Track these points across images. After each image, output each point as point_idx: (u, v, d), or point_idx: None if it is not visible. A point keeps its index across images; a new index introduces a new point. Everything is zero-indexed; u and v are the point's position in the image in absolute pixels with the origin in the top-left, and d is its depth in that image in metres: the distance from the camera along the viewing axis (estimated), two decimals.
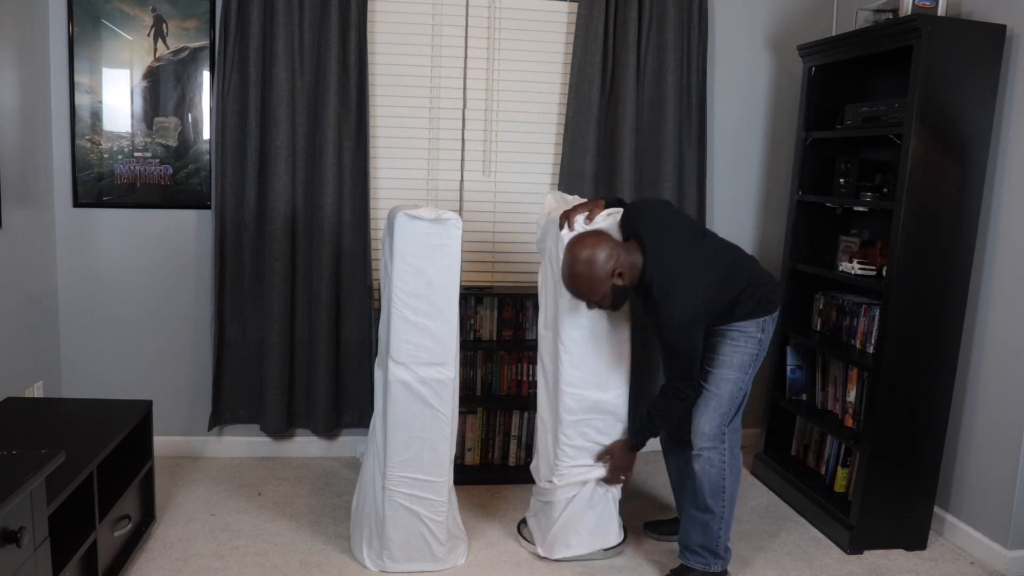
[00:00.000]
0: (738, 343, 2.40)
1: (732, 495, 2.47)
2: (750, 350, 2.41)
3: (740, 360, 2.41)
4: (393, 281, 2.40)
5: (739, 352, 2.41)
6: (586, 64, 3.29)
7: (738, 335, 2.40)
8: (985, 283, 2.77)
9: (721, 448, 2.44)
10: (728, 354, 2.41)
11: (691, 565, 2.50)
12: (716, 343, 2.42)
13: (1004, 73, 2.67)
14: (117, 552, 2.42)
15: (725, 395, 2.42)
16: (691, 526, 2.50)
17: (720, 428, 2.43)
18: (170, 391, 3.37)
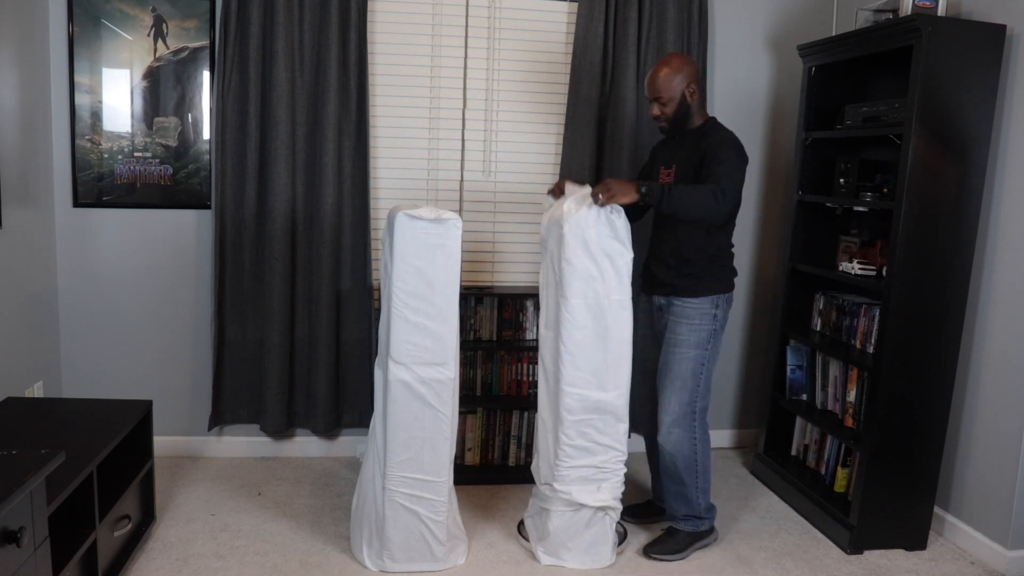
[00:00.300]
0: (694, 321, 2.56)
1: (705, 466, 2.66)
2: (706, 326, 2.56)
3: (697, 338, 2.56)
4: (393, 281, 2.40)
5: (695, 330, 2.56)
6: (586, 64, 3.29)
7: (694, 312, 2.56)
8: (985, 283, 2.77)
9: (691, 426, 2.59)
10: (684, 333, 2.57)
11: (680, 528, 2.71)
12: (672, 323, 2.60)
13: (1004, 73, 2.67)
14: (117, 552, 2.42)
15: (688, 373, 2.57)
16: (673, 499, 2.69)
17: (688, 406, 2.58)
18: (170, 391, 3.37)
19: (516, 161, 3.46)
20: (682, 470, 2.63)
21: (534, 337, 3.41)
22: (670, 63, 2.54)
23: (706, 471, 2.66)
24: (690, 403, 2.58)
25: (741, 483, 3.41)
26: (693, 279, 2.58)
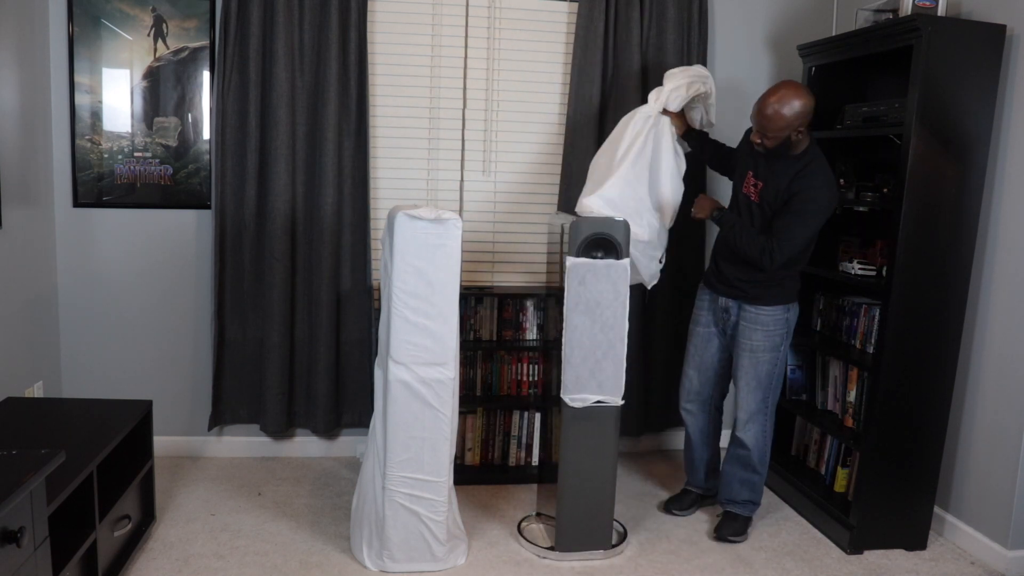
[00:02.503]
0: (768, 328, 2.71)
1: (768, 457, 2.87)
2: (780, 331, 2.72)
3: (772, 342, 2.72)
4: (393, 281, 2.40)
5: (770, 336, 2.72)
6: (586, 64, 3.29)
7: (768, 319, 2.70)
8: (985, 283, 2.77)
9: (764, 421, 2.79)
10: (760, 339, 2.71)
11: (739, 512, 2.87)
12: (746, 329, 2.73)
13: (1004, 73, 2.67)
14: (117, 552, 2.42)
15: (764, 374, 2.74)
16: (738, 485, 2.85)
17: (763, 403, 2.77)
18: (170, 391, 3.37)
19: (516, 161, 3.46)
20: (756, 461, 2.81)
21: (534, 337, 3.41)
22: (786, 103, 2.50)
23: (768, 460, 2.87)
24: (764, 400, 2.76)
25: None
26: (765, 288, 2.70)
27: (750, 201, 2.71)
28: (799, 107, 2.49)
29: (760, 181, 2.66)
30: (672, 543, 2.84)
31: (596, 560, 2.69)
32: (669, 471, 3.50)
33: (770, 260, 2.55)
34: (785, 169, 2.60)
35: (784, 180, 2.58)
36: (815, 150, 2.61)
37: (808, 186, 2.52)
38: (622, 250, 2.56)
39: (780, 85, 2.55)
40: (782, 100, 2.49)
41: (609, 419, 2.66)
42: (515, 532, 2.84)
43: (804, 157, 2.59)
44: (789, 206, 2.54)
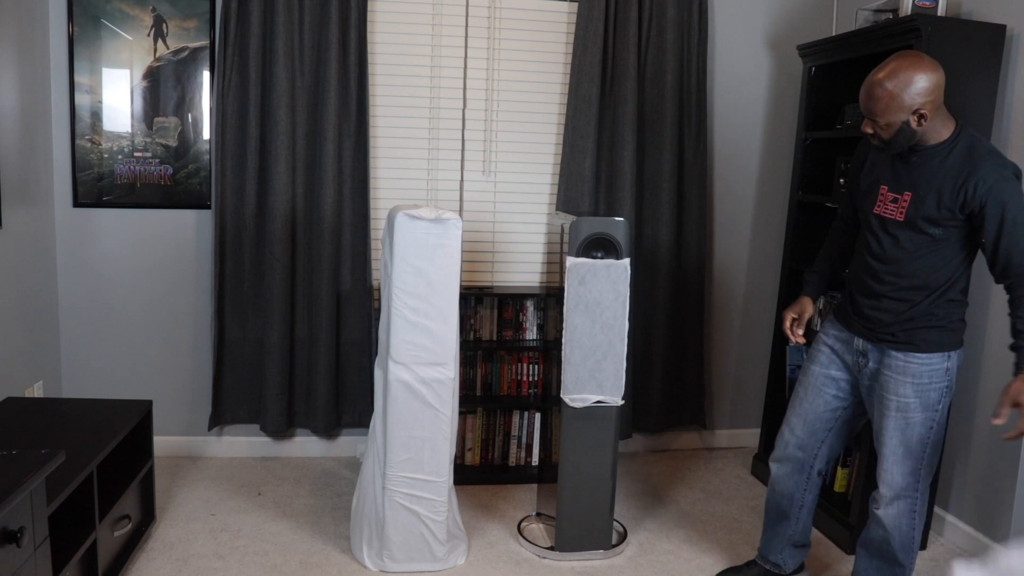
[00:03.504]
0: (922, 380, 2.08)
1: (918, 543, 2.22)
2: (936, 385, 2.09)
3: (926, 399, 2.09)
4: (393, 281, 2.41)
5: (923, 391, 2.09)
6: (586, 64, 3.29)
7: (922, 370, 2.08)
8: (985, 283, 2.77)
9: (913, 497, 2.16)
10: (910, 395, 2.09)
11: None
12: (891, 380, 2.11)
13: (1004, 73, 2.67)
14: (117, 552, 2.42)
15: (914, 440, 2.11)
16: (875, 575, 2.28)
17: (913, 475, 2.14)
18: (170, 391, 3.37)
19: (516, 161, 3.46)
20: (897, 549, 2.18)
21: (534, 337, 3.41)
22: (893, 78, 1.93)
23: (918, 546, 2.23)
24: (914, 472, 2.14)
25: (741, 483, 3.41)
26: (921, 329, 2.09)
27: (886, 222, 2.09)
28: (907, 79, 1.91)
29: (904, 192, 2.05)
30: (672, 543, 2.83)
31: (596, 560, 2.69)
32: (669, 471, 3.50)
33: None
34: (934, 164, 2.00)
35: (948, 183, 1.97)
36: (967, 131, 2.02)
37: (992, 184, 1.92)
38: (622, 250, 2.56)
39: (894, 57, 1.98)
40: (890, 73, 1.93)
41: (609, 419, 2.66)
42: (515, 532, 2.84)
43: (957, 144, 1.99)
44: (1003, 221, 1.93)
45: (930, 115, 1.95)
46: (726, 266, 3.70)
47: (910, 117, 1.94)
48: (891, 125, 1.96)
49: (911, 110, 1.93)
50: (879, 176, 2.14)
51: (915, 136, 1.98)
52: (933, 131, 1.99)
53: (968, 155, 1.96)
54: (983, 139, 2.01)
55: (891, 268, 2.10)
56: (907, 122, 1.95)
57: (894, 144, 2.01)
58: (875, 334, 2.15)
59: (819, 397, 2.29)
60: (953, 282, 2.07)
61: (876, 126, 2.00)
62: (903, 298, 2.09)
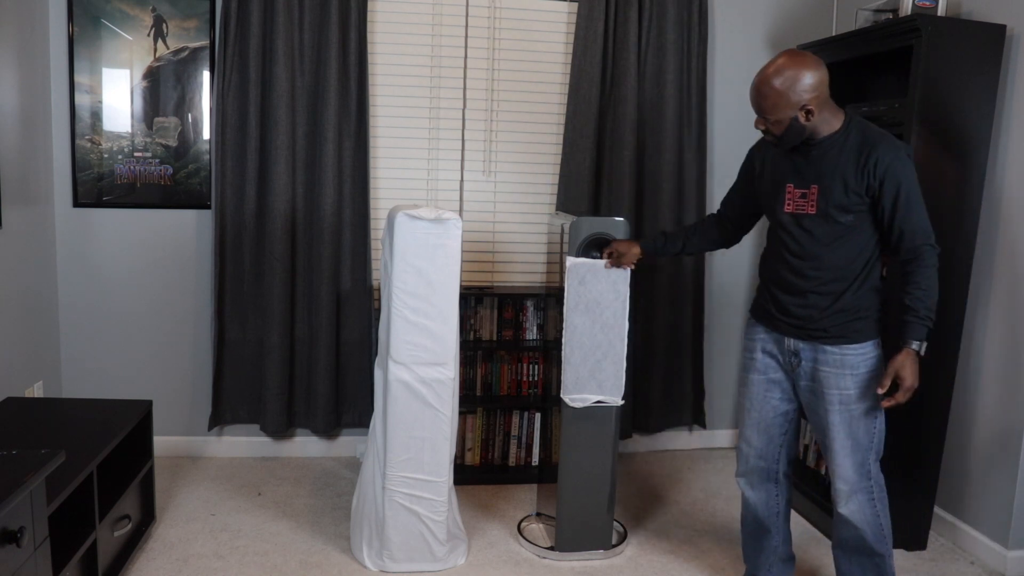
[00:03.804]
0: (859, 371, 2.10)
1: (888, 526, 2.21)
2: (873, 372, 2.11)
3: (865, 390, 2.11)
4: (393, 281, 2.40)
5: (860, 381, 2.10)
6: (586, 64, 3.29)
7: (857, 361, 2.10)
8: (985, 283, 2.77)
9: (869, 487, 2.16)
10: (849, 387, 2.10)
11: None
12: (828, 376, 2.12)
13: (1004, 73, 2.67)
14: (117, 552, 2.42)
15: (861, 432, 2.12)
16: (864, 571, 2.25)
17: (864, 466, 2.15)
18: (170, 391, 3.37)
19: (516, 161, 3.46)
20: (872, 541, 2.18)
21: (534, 337, 3.41)
22: (780, 76, 2.01)
23: (890, 532, 2.21)
24: (864, 463, 2.15)
25: None
26: (849, 320, 2.10)
27: (799, 217, 2.12)
28: (792, 76, 1.99)
29: (811, 186, 2.09)
30: (672, 543, 2.84)
31: (596, 560, 2.69)
32: (669, 471, 3.50)
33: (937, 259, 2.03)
34: (832, 155, 2.05)
35: (850, 167, 2.02)
36: (856, 119, 2.08)
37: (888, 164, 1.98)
38: None
39: (779, 55, 2.07)
40: (775, 70, 2.02)
41: (609, 419, 2.66)
42: (515, 532, 2.84)
43: (849, 131, 2.05)
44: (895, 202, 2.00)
45: (817, 110, 2.01)
46: (726, 266, 3.70)
47: (798, 113, 2.01)
48: (781, 122, 2.03)
49: (798, 106, 2.00)
50: (782, 175, 2.17)
51: (805, 131, 2.04)
52: (824, 123, 2.05)
53: (863, 139, 2.03)
54: (871, 124, 2.09)
55: (811, 263, 2.12)
56: (796, 118, 2.01)
57: (786, 139, 2.08)
58: (807, 331, 2.15)
59: (766, 404, 2.28)
60: (871, 269, 2.11)
61: (767, 123, 2.07)
62: (827, 291, 2.11)
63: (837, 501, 2.19)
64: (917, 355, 2.02)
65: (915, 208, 2.01)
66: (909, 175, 2.00)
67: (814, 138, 2.07)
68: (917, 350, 2.02)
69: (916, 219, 2.01)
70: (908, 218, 2.00)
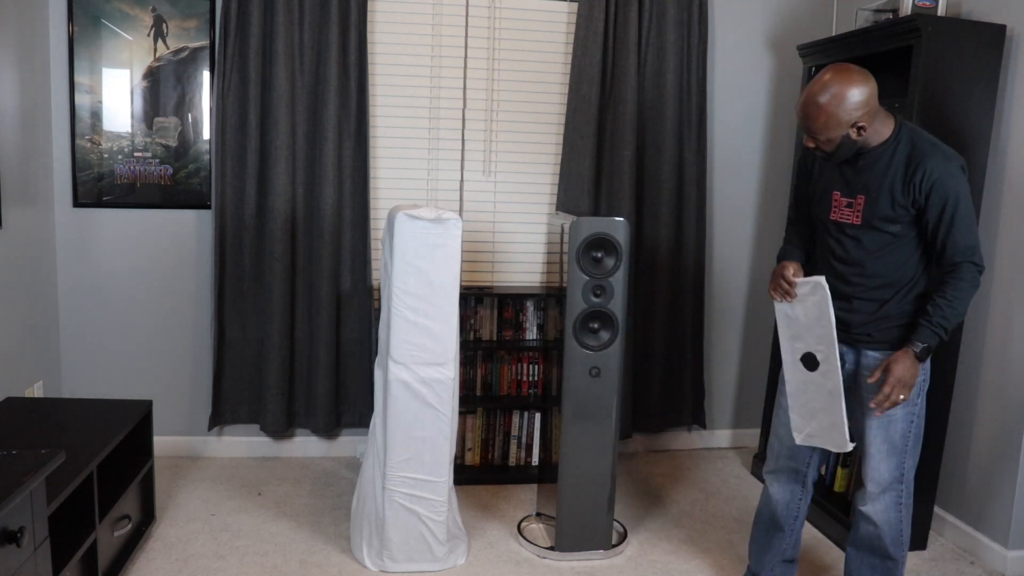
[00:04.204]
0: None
1: (908, 536, 2.23)
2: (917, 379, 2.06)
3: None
4: (393, 281, 2.40)
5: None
6: (586, 64, 3.29)
7: None
8: (986, 283, 2.76)
9: (899, 489, 2.17)
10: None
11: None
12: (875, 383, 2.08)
13: (1004, 73, 2.67)
14: (117, 552, 2.42)
15: (897, 436, 2.12)
16: (874, 572, 2.25)
17: (899, 469, 2.15)
18: (170, 391, 3.37)
19: (516, 161, 3.46)
20: (888, 543, 2.19)
21: (534, 337, 3.41)
22: (828, 95, 1.93)
23: (908, 539, 2.23)
24: (899, 466, 2.15)
25: (741, 483, 3.41)
26: (897, 328, 2.09)
27: (844, 227, 2.10)
28: (842, 97, 1.92)
29: (857, 196, 2.06)
30: (672, 543, 2.84)
31: (596, 560, 2.69)
32: (669, 471, 3.50)
33: (979, 275, 2.01)
34: (882, 164, 2.02)
35: (898, 180, 1.99)
36: (906, 126, 2.03)
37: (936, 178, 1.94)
38: (622, 250, 2.55)
39: (826, 71, 1.98)
40: (826, 91, 1.94)
41: (609, 419, 2.66)
42: (515, 532, 2.84)
43: (900, 141, 2.00)
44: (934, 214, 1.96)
45: (868, 125, 1.97)
46: (726, 266, 3.70)
47: (849, 131, 1.97)
48: (832, 140, 1.99)
49: (849, 124, 1.95)
50: (829, 183, 2.15)
51: (857, 145, 2.01)
52: (875, 134, 2.01)
53: (913, 150, 1.99)
54: (923, 132, 2.04)
55: (857, 269, 2.11)
56: (847, 135, 1.97)
57: (837, 155, 2.04)
58: (850, 335, 2.14)
59: None
60: (919, 277, 2.09)
61: (817, 141, 2.02)
62: (873, 297, 2.10)
63: (864, 500, 2.20)
64: (916, 357, 2.01)
65: (961, 224, 1.97)
66: (958, 189, 1.96)
67: (864, 148, 2.03)
68: (917, 352, 2.00)
69: (960, 235, 1.97)
70: (951, 233, 1.97)
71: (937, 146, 1.99)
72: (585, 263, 2.54)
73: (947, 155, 1.97)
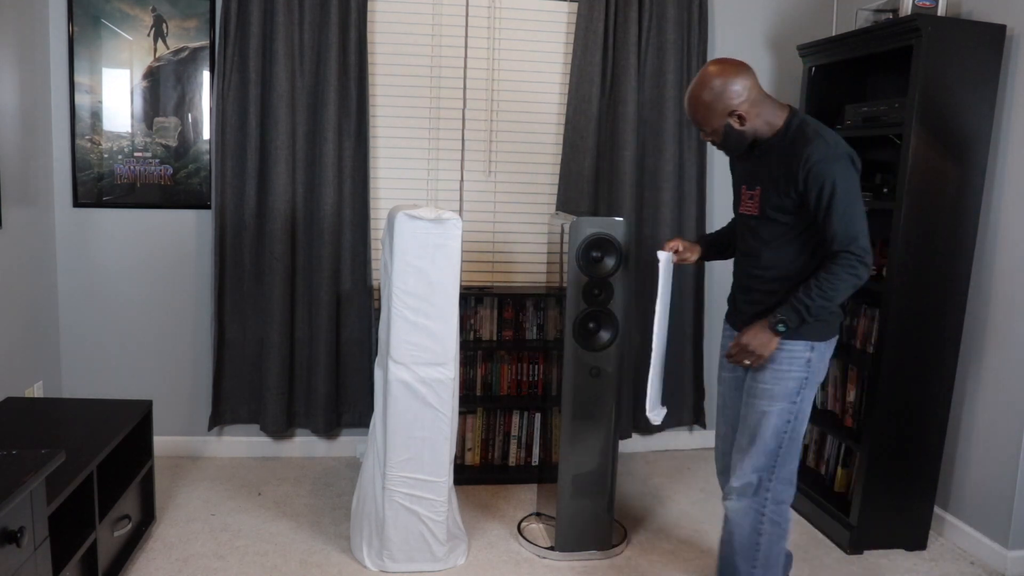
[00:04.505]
0: (781, 367, 2.05)
1: (768, 557, 2.08)
2: (796, 373, 2.05)
3: (784, 388, 2.05)
4: (393, 281, 2.41)
5: (782, 378, 2.05)
6: (586, 64, 3.29)
7: (782, 356, 2.05)
8: (985, 283, 2.77)
9: (762, 499, 2.07)
10: (768, 381, 2.06)
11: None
12: (757, 369, 2.08)
13: (1004, 73, 2.67)
14: (117, 552, 2.42)
15: (768, 431, 2.05)
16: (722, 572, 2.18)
17: (763, 471, 2.07)
18: (170, 391, 3.37)
19: (516, 161, 3.46)
20: (736, 550, 2.10)
21: (534, 337, 3.41)
22: (704, 87, 2.01)
23: (768, 567, 2.09)
24: (766, 468, 2.06)
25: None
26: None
27: (748, 220, 2.14)
28: (720, 86, 1.99)
29: (756, 187, 2.09)
30: (672, 543, 2.84)
31: (596, 560, 2.69)
32: (669, 471, 3.50)
33: (862, 258, 1.92)
34: (775, 156, 2.03)
35: (778, 168, 2.00)
36: (797, 116, 2.05)
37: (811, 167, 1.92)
38: (621, 250, 2.55)
39: (704, 66, 2.08)
40: (701, 82, 2.02)
41: (609, 419, 2.66)
42: (515, 532, 2.84)
43: (787, 133, 2.03)
44: (812, 201, 1.95)
45: (749, 114, 2.01)
46: (725, 265, 3.69)
47: (729, 120, 2.02)
48: (716, 131, 2.05)
49: (726, 113, 2.01)
50: (739, 177, 2.20)
51: (745, 135, 2.04)
52: (765, 124, 2.04)
53: (798, 138, 1.99)
54: (812, 121, 2.03)
55: (754, 261, 2.13)
56: (729, 125, 2.02)
57: (728, 146, 2.09)
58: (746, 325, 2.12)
59: (735, 400, 2.27)
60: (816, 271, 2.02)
61: (704, 133, 2.09)
62: (768, 290, 2.10)
63: (725, 494, 2.16)
64: (771, 330, 2.00)
65: (839, 211, 1.92)
66: (836, 175, 1.92)
67: (759, 139, 2.07)
68: (772, 325, 1.99)
69: (839, 222, 1.92)
70: (830, 220, 1.94)
71: (821, 135, 1.97)
72: (585, 263, 2.54)
73: (829, 143, 1.95)
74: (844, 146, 1.97)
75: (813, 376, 2.08)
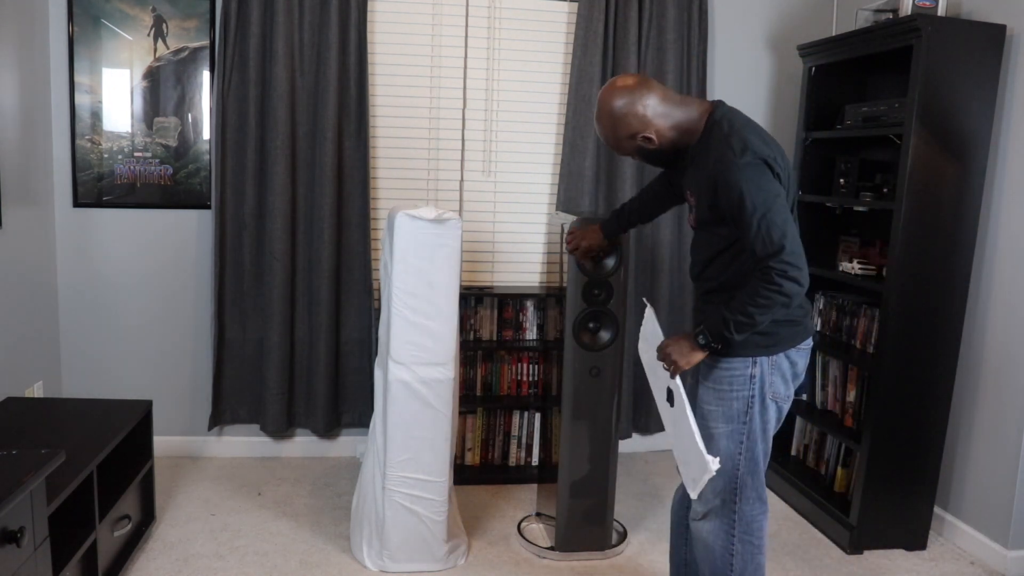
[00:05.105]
0: (721, 387, 1.91)
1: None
2: (741, 392, 1.89)
3: (728, 410, 1.90)
4: (393, 281, 2.40)
5: (725, 400, 1.90)
6: (586, 64, 3.29)
7: (722, 375, 1.90)
8: (985, 283, 2.77)
9: (730, 519, 1.95)
10: (712, 402, 1.93)
11: None
12: (700, 388, 1.98)
13: (1004, 73, 2.67)
14: (117, 552, 2.42)
15: (721, 453, 1.91)
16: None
17: (726, 494, 1.94)
18: (170, 391, 3.37)
19: (516, 161, 3.46)
20: (710, 571, 1.98)
21: (534, 337, 3.41)
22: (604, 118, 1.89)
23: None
24: (727, 490, 1.93)
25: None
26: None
27: (693, 228, 2.00)
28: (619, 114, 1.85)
29: (693, 197, 1.94)
30: None
31: (596, 560, 2.69)
32: (669, 471, 3.50)
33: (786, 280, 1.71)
34: (700, 161, 1.88)
35: (702, 179, 1.85)
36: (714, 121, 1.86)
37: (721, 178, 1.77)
38: (622, 250, 2.55)
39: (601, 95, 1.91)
40: (601, 114, 1.90)
41: (609, 419, 2.66)
42: (515, 532, 2.84)
43: (706, 139, 1.86)
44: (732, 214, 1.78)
45: (658, 131, 1.87)
46: None
47: (638, 143, 1.89)
48: (632, 154, 1.94)
49: (631, 136, 1.88)
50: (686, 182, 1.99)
51: (663, 151, 1.91)
52: (683, 134, 1.89)
53: (710, 145, 1.83)
54: (728, 121, 1.84)
55: (696, 271, 2.01)
56: (640, 147, 1.90)
57: (652, 163, 1.99)
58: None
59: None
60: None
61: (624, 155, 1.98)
62: (712, 300, 1.94)
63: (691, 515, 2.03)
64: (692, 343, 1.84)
65: (753, 221, 1.72)
66: (743, 183, 1.73)
67: (682, 147, 1.92)
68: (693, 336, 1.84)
69: (755, 233, 1.73)
70: (746, 232, 1.75)
71: (728, 140, 1.79)
72: (585, 263, 2.54)
73: (734, 148, 1.76)
74: (758, 147, 1.77)
75: (763, 392, 1.89)
